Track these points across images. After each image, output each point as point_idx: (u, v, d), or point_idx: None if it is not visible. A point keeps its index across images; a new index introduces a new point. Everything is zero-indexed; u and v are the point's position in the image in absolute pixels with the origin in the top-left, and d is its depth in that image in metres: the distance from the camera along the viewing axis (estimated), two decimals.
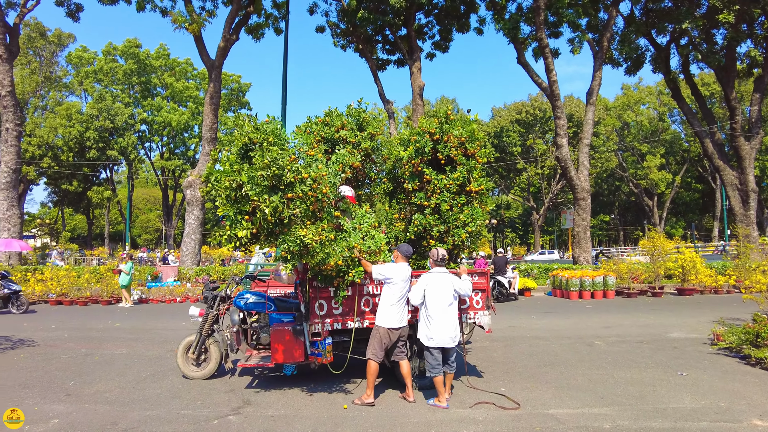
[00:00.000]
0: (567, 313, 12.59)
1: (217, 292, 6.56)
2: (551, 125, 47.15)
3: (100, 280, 16.24)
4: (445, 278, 5.38)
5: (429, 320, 5.28)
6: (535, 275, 19.24)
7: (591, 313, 12.37)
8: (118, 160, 46.36)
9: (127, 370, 6.83)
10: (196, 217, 20.97)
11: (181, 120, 45.50)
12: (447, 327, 5.26)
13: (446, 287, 5.34)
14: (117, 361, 7.37)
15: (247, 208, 4.65)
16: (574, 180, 20.86)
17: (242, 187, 4.61)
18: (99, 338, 9.32)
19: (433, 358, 5.27)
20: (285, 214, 4.70)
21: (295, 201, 4.78)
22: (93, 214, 54.88)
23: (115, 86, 46.87)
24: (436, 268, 5.46)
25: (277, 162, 4.62)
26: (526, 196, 55.00)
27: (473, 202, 6.46)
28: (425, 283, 5.36)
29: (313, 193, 4.84)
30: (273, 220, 4.67)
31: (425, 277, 5.43)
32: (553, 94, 21.08)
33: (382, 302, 5.39)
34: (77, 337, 9.48)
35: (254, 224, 4.65)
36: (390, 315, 5.33)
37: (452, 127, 6.45)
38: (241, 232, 4.63)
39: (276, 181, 4.69)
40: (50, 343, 8.84)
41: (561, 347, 8.17)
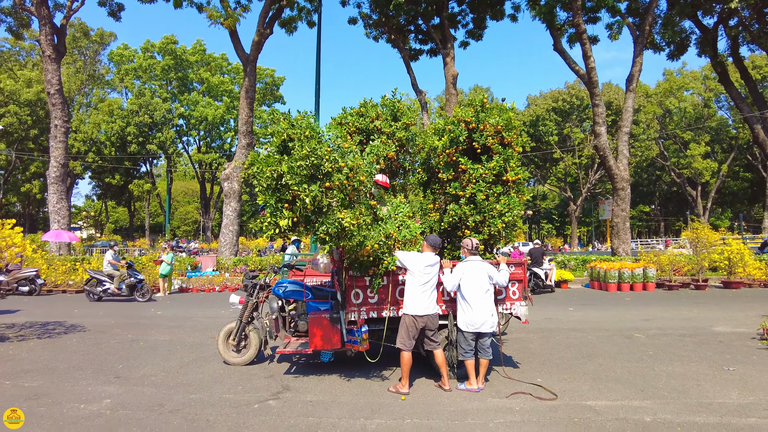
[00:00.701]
0: (605, 305, 12.33)
1: (256, 281, 6.74)
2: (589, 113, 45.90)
3: (143, 270, 16.86)
4: (480, 266, 5.47)
5: (466, 307, 5.42)
6: (572, 267, 18.90)
7: (630, 306, 12.08)
8: (158, 154, 47.90)
9: (170, 355, 7.10)
10: (233, 209, 21.48)
11: (217, 114, 46.50)
12: (483, 313, 5.38)
13: (482, 275, 5.44)
14: (161, 346, 7.68)
15: (287, 197, 4.81)
16: (613, 169, 20.31)
17: (282, 177, 4.77)
18: (143, 325, 9.71)
19: (466, 343, 5.41)
20: (324, 202, 4.84)
21: (332, 190, 4.90)
22: (134, 206, 56.93)
23: (154, 82, 48.27)
24: (471, 257, 5.55)
25: (315, 152, 4.77)
26: (562, 187, 53.87)
27: (510, 192, 6.40)
28: (461, 272, 5.45)
29: (349, 182, 4.94)
30: (312, 209, 4.82)
31: (461, 265, 5.52)
32: (591, 81, 20.51)
33: (406, 290, 5.49)
34: (123, 323, 9.91)
35: (294, 213, 4.81)
36: (412, 302, 5.40)
37: (488, 116, 6.38)
38: (282, 221, 4.80)
39: (314, 171, 4.82)
40: (99, 328, 9.27)
41: (599, 339, 8.03)
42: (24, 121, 40.84)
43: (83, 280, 16.48)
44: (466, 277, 5.42)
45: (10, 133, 40.80)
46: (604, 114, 20.69)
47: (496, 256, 6.13)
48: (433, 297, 5.46)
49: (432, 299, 5.44)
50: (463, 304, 5.46)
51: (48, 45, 21.39)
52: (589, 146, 43.77)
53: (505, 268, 5.73)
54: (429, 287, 5.41)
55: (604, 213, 45.27)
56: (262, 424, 4.46)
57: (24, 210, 50.26)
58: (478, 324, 5.36)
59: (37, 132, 42.06)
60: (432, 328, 5.43)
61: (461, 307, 5.48)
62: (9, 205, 48.10)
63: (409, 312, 5.39)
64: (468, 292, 5.41)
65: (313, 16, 24.14)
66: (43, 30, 21.32)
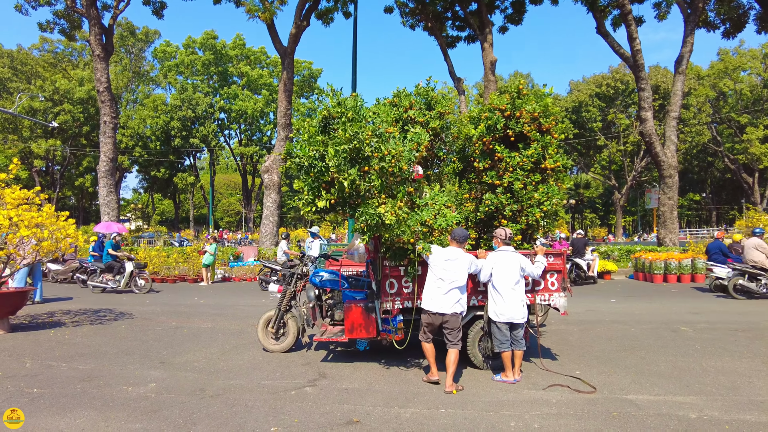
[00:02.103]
0: (650, 297, 11.92)
1: (295, 270, 6.87)
2: (634, 98, 44.06)
3: (187, 260, 17.47)
4: (512, 257, 5.41)
5: (497, 297, 5.36)
6: (615, 257, 18.33)
7: (676, 298, 11.63)
8: (200, 147, 49.30)
9: (212, 342, 7.34)
10: (273, 201, 21.90)
11: (257, 107, 47.35)
12: (515, 304, 5.32)
13: (513, 266, 5.37)
14: (203, 334, 7.96)
15: (326, 179, 4.92)
16: (660, 156, 19.48)
17: (324, 158, 4.89)
18: (187, 313, 10.07)
19: (501, 334, 5.35)
20: (361, 187, 4.92)
21: (371, 174, 4.96)
22: (179, 198, 58.95)
23: (195, 77, 49.57)
24: (503, 247, 5.49)
25: (357, 136, 4.85)
26: (607, 175, 52.13)
27: (548, 180, 6.27)
28: (493, 262, 5.40)
29: (390, 168, 5.00)
30: (349, 192, 4.91)
31: (493, 255, 5.46)
32: (637, 64, 19.68)
33: (425, 283, 5.42)
34: (168, 311, 10.31)
35: (333, 195, 4.92)
36: (426, 296, 5.34)
37: (524, 102, 6.25)
38: (321, 203, 4.93)
39: (355, 155, 4.91)
40: (145, 316, 9.69)
41: (642, 332, 7.78)
42: (77, 119, 42.84)
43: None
44: (497, 268, 5.37)
45: (64, 130, 42.91)
46: (650, 98, 19.85)
47: (535, 246, 6.01)
48: (453, 296, 5.19)
49: (450, 298, 5.18)
50: (494, 294, 5.41)
51: (97, 44, 22.28)
52: (635, 132, 42.09)
53: (542, 259, 5.62)
54: (447, 284, 5.18)
55: (651, 202, 43.55)
56: (298, 410, 4.56)
57: (78, 203, 52.88)
58: (508, 315, 5.31)
59: (89, 128, 44.04)
60: (451, 327, 5.20)
61: (492, 297, 5.43)
62: (65, 199, 50.71)
63: (423, 306, 5.34)
64: (499, 282, 5.35)
65: (349, 7, 24.14)
66: (93, 30, 22.21)
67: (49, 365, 6.09)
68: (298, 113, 48.17)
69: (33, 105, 40.55)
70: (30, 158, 43.06)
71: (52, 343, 7.28)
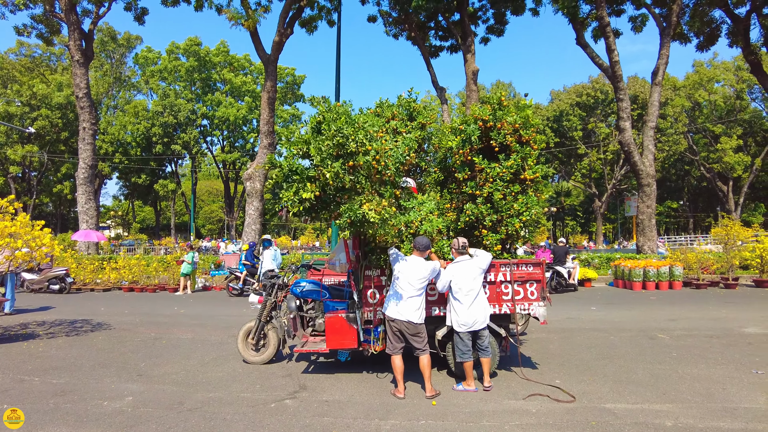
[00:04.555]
0: (629, 304, 12.08)
1: (275, 281, 6.82)
2: (614, 108, 44.93)
3: (167, 269, 17.22)
4: (469, 265, 5.46)
5: (458, 306, 5.39)
6: (596, 265, 18.56)
7: (655, 305, 11.81)
8: (182, 154, 48.77)
9: (191, 353, 7.25)
10: (255, 208, 21.72)
11: (239, 114, 47.02)
12: (476, 311, 5.37)
13: (472, 274, 5.42)
14: (182, 345, 7.84)
15: (312, 173, 5.04)
16: (638, 165, 19.85)
17: (309, 155, 5.06)
18: (166, 323, 9.92)
19: (463, 344, 5.38)
20: (345, 179, 5.01)
21: (357, 170, 5.05)
22: (160, 206, 58.14)
23: (178, 83, 49.07)
24: (460, 257, 5.52)
25: (341, 131, 4.94)
26: (587, 183, 52.90)
27: (528, 191, 6.33)
28: (452, 274, 5.44)
29: (375, 164, 5.06)
30: (334, 186, 5.01)
31: (451, 267, 5.49)
32: (615, 75, 20.08)
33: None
34: (147, 321, 10.14)
35: (317, 187, 5.00)
36: (388, 303, 5.40)
37: (505, 114, 6.32)
38: (305, 194, 5.00)
39: (339, 150, 5.00)
40: (124, 327, 9.51)
41: (621, 340, 7.88)
42: (55, 124, 42.05)
43: (109, 279, 16.92)
44: (456, 278, 5.40)
45: (42, 136, 42.08)
46: (628, 108, 20.24)
47: (513, 257, 6.07)
48: (413, 303, 5.24)
49: (410, 305, 5.22)
50: (455, 304, 5.43)
51: (76, 50, 21.95)
52: (614, 141, 42.90)
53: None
54: (407, 291, 5.24)
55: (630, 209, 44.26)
56: (277, 423, 4.52)
57: (56, 210, 51.80)
58: (470, 323, 5.34)
59: (67, 134, 43.26)
60: (412, 334, 5.25)
61: (453, 307, 5.45)
62: (42, 206, 49.65)
63: (385, 312, 5.40)
64: (459, 292, 5.39)
65: (333, 15, 24.20)
66: (72, 36, 21.88)
67: (20, 379, 5.93)
68: (281, 120, 47.98)
69: (9, 110, 39.71)
70: (5, 164, 42.11)
71: (25, 356, 7.10)
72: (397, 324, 5.27)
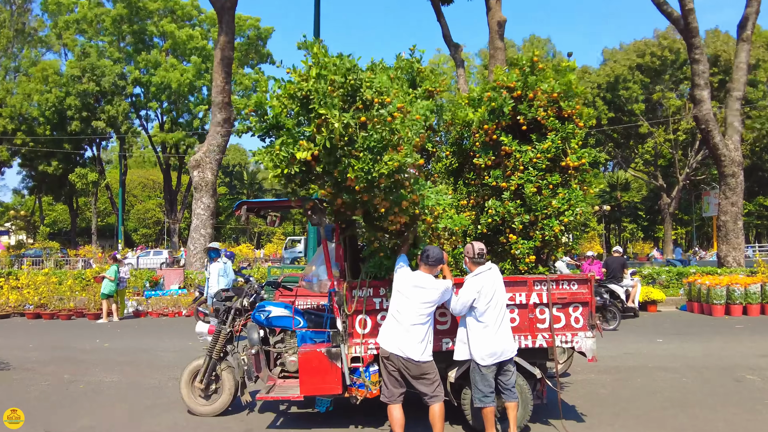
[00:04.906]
0: (707, 335, 12.16)
1: (231, 303, 6.81)
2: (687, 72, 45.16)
3: (87, 288, 17.18)
4: (493, 277, 5.46)
5: (481, 332, 5.34)
6: (663, 282, 18.66)
7: (742, 336, 11.88)
8: (107, 133, 48.58)
9: (118, 401, 7.22)
10: (206, 206, 21.69)
11: (184, 80, 46.94)
12: (505, 337, 5.39)
13: (500, 287, 5.45)
14: (107, 390, 7.81)
15: (310, 129, 4.90)
16: (720, 148, 19.96)
17: (309, 101, 4.87)
18: (85, 361, 9.88)
19: (485, 382, 5.32)
20: (357, 137, 4.90)
21: (372, 126, 4.95)
22: (77, 203, 57.97)
23: (102, 38, 48.96)
24: (480, 268, 5.48)
25: (355, 72, 4.88)
26: (652, 172, 53.09)
27: (571, 183, 6.36)
28: (474, 290, 5.34)
29: (395, 122, 4.97)
30: (342, 143, 4.86)
31: (471, 282, 5.41)
32: (689, 27, 20.18)
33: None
34: (59, 358, 10.10)
35: (317, 144, 4.84)
36: (383, 330, 5.45)
37: (540, 80, 6.34)
38: (301, 153, 4.84)
39: (350, 97, 4.93)
40: (27, 366, 9.48)
41: (696, 382, 7.93)
42: None
43: (8, 302, 16.86)
44: (483, 294, 5.34)
45: None
46: (707, 73, 20.34)
47: (550, 271, 6.09)
48: (416, 334, 5.22)
49: (413, 336, 5.20)
50: (476, 329, 5.36)
51: None
52: (688, 117, 43.09)
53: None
54: (407, 317, 5.22)
55: (709, 208, 44.48)
56: None
57: None
58: (498, 352, 5.31)
59: None
60: (415, 375, 5.22)
61: (476, 334, 5.37)
62: None
63: (379, 342, 5.44)
64: (485, 312, 5.33)
65: None
66: None
67: None
68: (240, 87, 47.95)
69: None
70: None
71: None
72: (395, 362, 5.23)
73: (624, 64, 49.10)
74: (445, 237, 5.75)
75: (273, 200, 8.17)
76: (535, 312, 6.00)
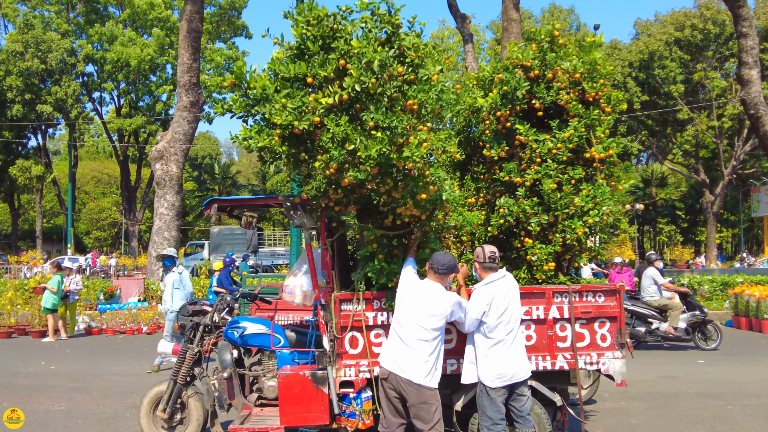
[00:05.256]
0: (757, 354, 12.22)
1: (199, 319, 6.80)
2: (733, 48, 45.31)
3: (30, 301, 17.14)
4: (511, 285, 5.46)
5: (492, 350, 5.31)
6: (705, 294, 18.72)
7: None
8: (54, 119, 48.46)
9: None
10: (170, 205, 21.65)
11: (145, 56, 46.86)
12: (517, 355, 5.36)
13: (515, 298, 5.43)
14: (54, 421, 7.76)
15: (327, 72, 4.79)
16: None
17: (332, 38, 4.86)
18: (28, 387, 9.85)
19: (494, 409, 5.28)
20: (387, 89, 4.88)
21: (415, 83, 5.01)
22: (19, 201, 57.79)
23: (48, 7, 48.83)
24: (492, 275, 5.46)
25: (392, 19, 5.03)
26: (692, 165, 53.25)
27: (596, 177, 6.38)
28: (489, 298, 5.32)
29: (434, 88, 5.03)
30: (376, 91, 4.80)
31: (482, 291, 5.40)
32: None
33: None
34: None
35: (345, 88, 4.74)
36: (385, 345, 5.49)
37: (560, 57, 6.36)
38: (326, 99, 4.70)
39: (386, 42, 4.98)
40: None
41: (744, 411, 7.96)
42: None
43: None
44: (495, 304, 5.31)
45: None
46: (756, 49, 20.42)
47: (571, 281, 6.10)
48: (420, 352, 5.14)
49: (416, 355, 5.15)
50: (485, 346, 5.34)
51: None
52: (735, 100, 43.23)
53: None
54: (411, 332, 5.19)
55: (759, 207, 44.63)
56: None
57: None
58: (510, 373, 5.26)
59: None
60: (416, 403, 5.15)
61: (484, 352, 5.34)
62: None
63: (379, 359, 5.46)
64: (497, 327, 5.30)
65: None
66: None
67: None
68: (211, 65, 47.89)
69: None
70: None
71: None
72: (393, 383, 5.20)
73: (660, 38, 49.14)
74: (451, 240, 5.71)
75: (248, 198, 8.17)
76: (554, 328, 6.00)
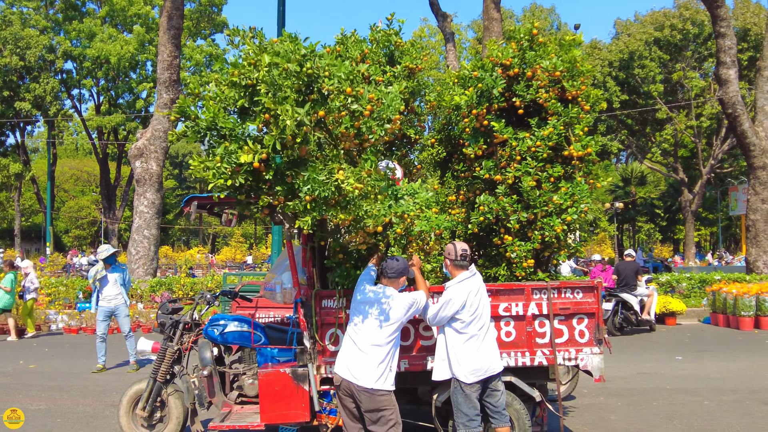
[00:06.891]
0: (734, 351, 12.34)
1: (179, 317, 6.77)
2: (712, 48, 45.73)
3: None
4: (480, 283, 5.55)
5: (465, 345, 5.36)
6: (683, 291, 18.86)
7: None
8: (33, 116, 48.00)
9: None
10: (150, 203, 21.51)
11: (125, 53, 46.50)
12: (491, 350, 5.45)
13: (484, 295, 5.54)
14: (32, 420, 7.70)
15: (255, 123, 4.81)
16: (749, 136, 20.22)
17: (256, 92, 4.78)
18: (6, 386, 9.82)
19: (469, 404, 5.33)
20: (311, 137, 4.85)
21: (328, 127, 4.92)
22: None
23: (26, 3, 48.32)
24: (464, 273, 5.50)
25: (312, 59, 4.77)
26: (671, 164, 53.65)
27: (575, 175, 6.41)
28: (464, 296, 5.36)
29: (356, 120, 4.93)
30: (292, 141, 4.75)
31: (454, 289, 5.44)
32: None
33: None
34: None
35: (265, 146, 4.72)
36: (339, 351, 5.44)
37: (540, 55, 6.38)
38: (245, 156, 4.68)
39: (305, 88, 4.85)
40: None
41: (720, 407, 8.04)
42: None
43: None
44: (471, 301, 5.36)
45: None
46: (734, 49, 20.57)
47: (549, 278, 6.13)
48: (372, 358, 5.15)
49: (367, 360, 5.14)
50: (458, 342, 5.37)
51: None
52: (713, 100, 43.61)
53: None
54: (362, 337, 5.20)
55: (737, 206, 45.06)
56: None
57: None
58: (484, 368, 5.33)
59: None
60: (368, 410, 5.14)
61: (457, 348, 5.38)
62: None
63: (333, 367, 5.44)
64: (470, 324, 5.35)
65: None
66: None
67: None
68: (191, 63, 47.61)
69: None
70: None
71: None
72: (347, 390, 5.18)
73: (639, 38, 49.45)
74: (417, 243, 5.69)
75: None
76: (533, 324, 6.03)
